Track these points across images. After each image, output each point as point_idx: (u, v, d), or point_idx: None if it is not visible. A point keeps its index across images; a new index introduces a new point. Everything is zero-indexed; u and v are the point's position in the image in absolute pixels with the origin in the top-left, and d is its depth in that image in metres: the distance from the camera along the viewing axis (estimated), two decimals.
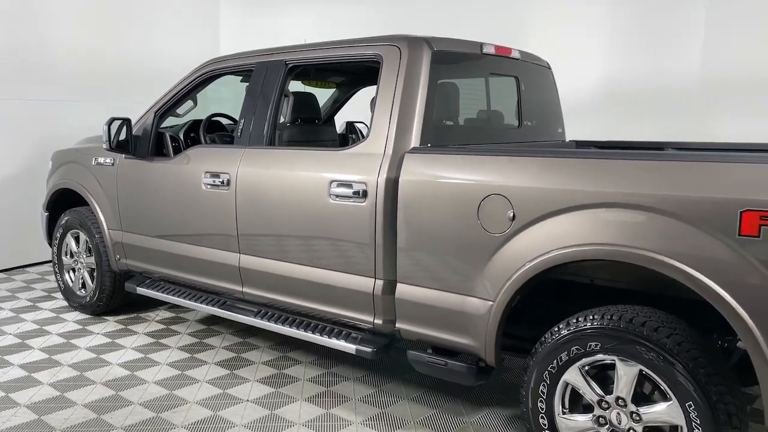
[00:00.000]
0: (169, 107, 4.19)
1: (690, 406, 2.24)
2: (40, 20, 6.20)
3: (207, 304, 3.93)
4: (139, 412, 3.30)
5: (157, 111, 4.18)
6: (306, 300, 3.41)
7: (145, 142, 4.17)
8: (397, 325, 3.08)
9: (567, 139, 4.34)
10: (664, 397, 2.33)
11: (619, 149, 3.77)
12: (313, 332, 3.41)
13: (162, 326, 4.65)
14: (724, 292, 2.15)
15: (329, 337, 3.32)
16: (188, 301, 4.04)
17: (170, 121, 4.40)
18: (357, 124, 5.24)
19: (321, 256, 3.28)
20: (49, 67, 6.27)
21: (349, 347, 3.23)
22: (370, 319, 3.15)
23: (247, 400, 3.45)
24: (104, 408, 3.34)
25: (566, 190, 2.48)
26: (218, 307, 3.87)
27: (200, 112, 4.55)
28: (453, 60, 3.32)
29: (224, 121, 4.74)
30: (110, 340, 4.34)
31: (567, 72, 6.90)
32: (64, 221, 4.87)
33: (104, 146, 4.16)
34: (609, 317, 2.42)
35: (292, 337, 4.14)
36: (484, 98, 3.66)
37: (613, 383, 2.44)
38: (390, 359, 3.98)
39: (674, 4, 6.67)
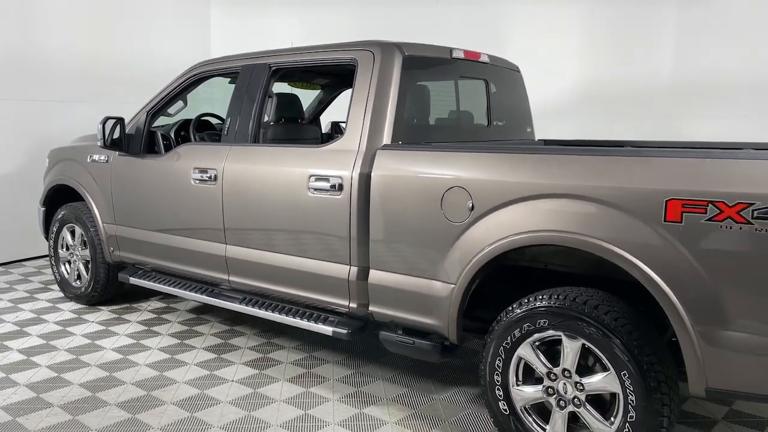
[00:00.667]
0: (160, 107, 4.44)
1: (624, 374, 2.50)
2: (36, 23, 6.43)
3: (196, 293, 4.18)
4: (131, 390, 3.55)
5: (149, 111, 4.42)
6: (287, 287, 3.66)
7: (138, 140, 4.41)
8: (371, 308, 3.33)
9: (536, 138, 4.60)
10: (604, 368, 2.59)
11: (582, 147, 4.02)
12: (293, 317, 3.65)
13: (153, 315, 4.89)
14: (651, 272, 2.41)
15: (308, 321, 3.57)
16: (178, 290, 4.28)
17: (161, 120, 4.65)
18: (342, 124, 5.48)
19: (301, 245, 3.54)
20: (45, 68, 6.51)
21: (326, 329, 3.48)
22: (345, 303, 3.41)
23: (233, 380, 3.70)
24: (99, 387, 3.58)
25: (518, 182, 2.75)
26: (206, 295, 4.12)
27: (190, 112, 4.80)
28: (423, 64, 3.58)
29: (213, 120, 4.98)
30: (104, 328, 4.58)
31: (546, 75, 7.21)
32: (60, 216, 5.11)
33: (99, 144, 4.41)
34: (556, 297, 2.69)
35: (277, 324, 4.42)
36: (454, 99, 3.92)
37: (560, 357, 2.70)
38: (369, 345, 4.24)
39: (645, 10, 6.96)
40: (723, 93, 6.55)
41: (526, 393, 2.80)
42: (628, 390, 2.50)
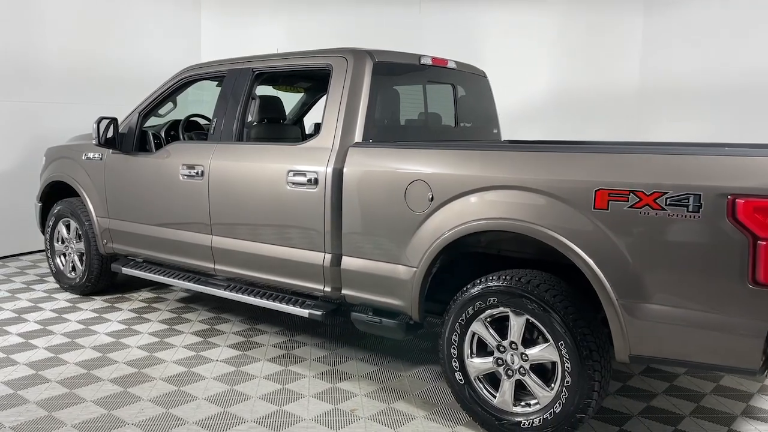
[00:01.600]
0: (151, 108, 4.75)
1: (561, 345, 2.83)
2: (32, 28, 6.74)
3: (183, 281, 4.49)
4: (123, 368, 3.85)
5: (141, 111, 4.73)
6: (268, 273, 3.97)
7: (130, 139, 4.72)
8: (343, 291, 3.65)
9: (503, 138, 4.94)
10: (545, 340, 2.92)
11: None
12: (273, 301, 3.97)
13: (144, 304, 5.19)
14: (583, 253, 2.74)
15: (286, 304, 3.89)
16: (167, 279, 4.59)
17: (153, 120, 4.96)
18: None
19: (280, 235, 3.85)
20: (41, 71, 6.82)
21: (303, 312, 3.80)
22: (320, 287, 3.72)
23: (217, 360, 4.01)
24: (93, 365, 3.88)
25: (471, 175, 3.08)
26: (193, 283, 4.43)
27: (180, 113, 5.11)
28: (393, 70, 3.92)
29: (201, 121, 5.30)
30: (98, 315, 4.88)
31: (522, 79, 7.58)
32: (56, 210, 5.41)
33: (93, 142, 4.71)
34: (504, 278, 3.01)
35: (261, 312, 4.74)
36: (422, 102, 4.25)
37: (508, 331, 3.02)
38: (345, 330, 4.55)
39: (614, 19, 7.34)
40: (686, 97, 6.95)
41: (478, 364, 3.13)
42: (564, 358, 2.83)
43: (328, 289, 3.70)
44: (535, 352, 2.94)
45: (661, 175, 2.57)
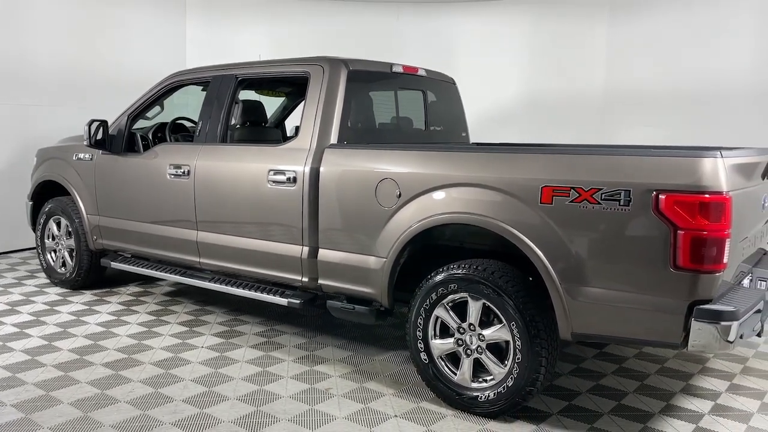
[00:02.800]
0: (140, 111, 5.03)
1: (513, 325, 3.16)
2: (24, 33, 6.97)
3: (170, 273, 4.76)
4: (113, 354, 4.13)
5: (129, 114, 5.01)
6: (250, 266, 4.27)
7: (120, 140, 4.99)
8: (320, 281, 3.96)
9: (471, 141, 5.28)
10: (499, 321, 3.25)
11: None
12: (254, 291, 4.26)
13: (132, 298, 5.45)
14: (531, 243, 3.08)
15: (266, 294, 4.19)
16: (155, 272, 4.87)
17: (141, 123, 5.23)
18: None
19: (261, 229, 4.15)
20: (33, 75, 7.06)
21: (282, 301, 4.10)
22: (299, 278, 4.03)
23: (202, 347, 4.30)
24: (85, 351, 4.15)
25: (434, 174, 3.41)
26: (179, 276, 4.71)
27: (166, 116, 5.39)
28: (366, 77, 4.24)
29: (187, 123, 5.58)
30: (88, 307, 5.14)
31: (494, 86, 7.95)
32: (47, 209, 5.65)
33: (84, 143, 4.98)
34: (463, 266, 3.34)
35: (244, 304, 5.03)
36: (394, 107, 4.57)
37: (467, 314, 3.35)
38: (324, 320, 4.86)
39: (580, 29, 7.74)
40: (648, 102, 7.36)
41: (441, 345, 3.45)
42: (515, 337, 3.16)
43: (305, 279, 4.00)
44: (491, 332, 3.27)
45: (597, 173, 2.92)
